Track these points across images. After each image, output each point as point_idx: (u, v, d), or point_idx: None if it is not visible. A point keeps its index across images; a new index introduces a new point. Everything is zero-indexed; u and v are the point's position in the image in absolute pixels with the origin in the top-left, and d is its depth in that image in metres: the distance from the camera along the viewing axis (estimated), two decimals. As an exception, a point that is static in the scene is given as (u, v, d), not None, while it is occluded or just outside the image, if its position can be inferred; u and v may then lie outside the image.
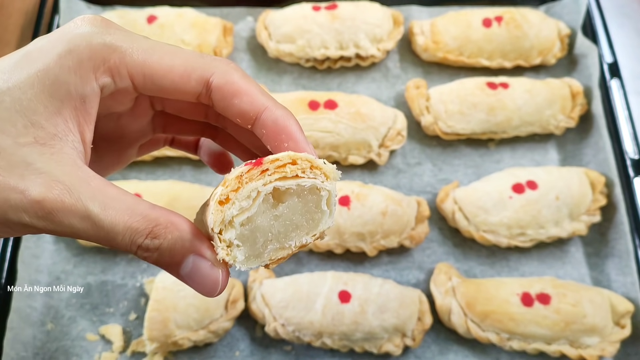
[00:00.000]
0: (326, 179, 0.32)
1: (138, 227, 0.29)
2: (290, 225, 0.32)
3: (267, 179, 0.31)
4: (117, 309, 0.77)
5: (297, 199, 0.32)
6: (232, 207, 0.30)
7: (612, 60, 0.90)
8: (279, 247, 0.32)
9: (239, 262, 0.31)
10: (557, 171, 0.82)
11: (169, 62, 0.31)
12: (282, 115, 0.34)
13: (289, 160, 0.31)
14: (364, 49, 0.90)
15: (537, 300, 0.72)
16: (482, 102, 0.84)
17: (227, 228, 0.30)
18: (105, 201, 0.28)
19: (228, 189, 0.30)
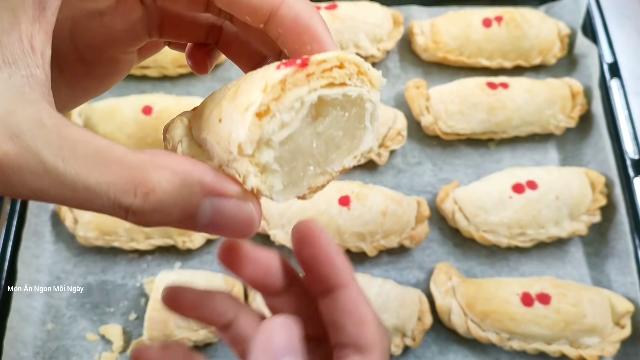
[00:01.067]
0: (372, 88, 0.27)
1: (117, 181, 0.20)
2: (332, 144, 0.26)
3: (313, 85, 0.24)
4: (117, 309, 0.77)
5: (341, 111, 0.26)
6: (272, 121, 0.23)
7: (612, 60, 0.90)
8: (319, 172, 0.27)
9: (276, 192, 0.24)
10: (557, 171, 0.82)
11: None
12: (304, 10, 0.26)
13: (337, 62, 0.25)
14: (363, 49, 0.90)
15: (537, 300, 0.72)
16: (482, 102, 0.85)
17: (261, 148, 0.24)
18: (65, 147, 0.20)
19: (270, 96, 0.23)
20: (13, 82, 0.20)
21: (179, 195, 0.22)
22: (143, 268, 0.79)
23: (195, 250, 0.80)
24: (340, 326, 0.32)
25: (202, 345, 0.74)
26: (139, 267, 0.79)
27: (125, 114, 0.83)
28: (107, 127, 0.83)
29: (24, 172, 0.19)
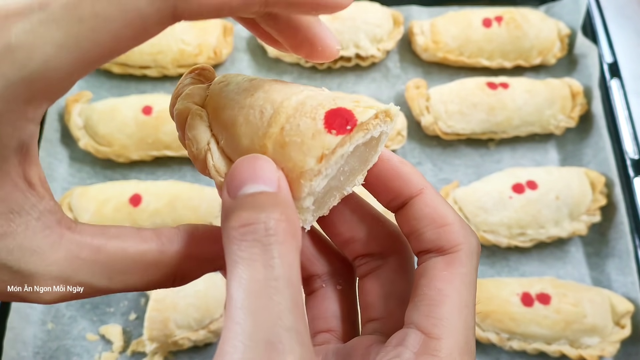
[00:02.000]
0: (390, 121, 0.29)
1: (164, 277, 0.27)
2: (352, 172, 0.29)
3: (354, 140, 0.27)
4: (117, 309, 0.77)
5: (365, 147, 0.29)
6: (320, 181, 0.26)
7: (612, 60, 0.90)
8: (338, 196, 0.30)
9: (307, 224, 0.28)
10: (557, 171, 0.82)
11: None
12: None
13: (374, 116, 0.27)
14: (364, 49, 0.90)
15: (537, 300, 0.72)
16: (482, 102, 0.85)
17: (306, 197, 0.26)
18: None
19: (323, 165, 0.25)
20: (32, 231, 0.22)
21: None
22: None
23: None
24: (420, 233, 0.29)
25: (202, 345, 0.74)
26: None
27: (125, 114, 0.83)
28: (107, 127, 0.83)
29: None
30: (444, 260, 0.28)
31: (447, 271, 0.27)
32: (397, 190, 0.30)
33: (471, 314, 0.27)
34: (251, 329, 0.20)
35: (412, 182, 0.30)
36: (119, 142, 0.83)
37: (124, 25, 0.21)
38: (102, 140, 0.83)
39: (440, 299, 0.27)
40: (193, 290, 0.72)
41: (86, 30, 0.20)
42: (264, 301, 0.21)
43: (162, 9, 0.21)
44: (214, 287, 0.73)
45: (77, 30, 0.20)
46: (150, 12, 0.21)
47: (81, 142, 0.84)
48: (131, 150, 0.83)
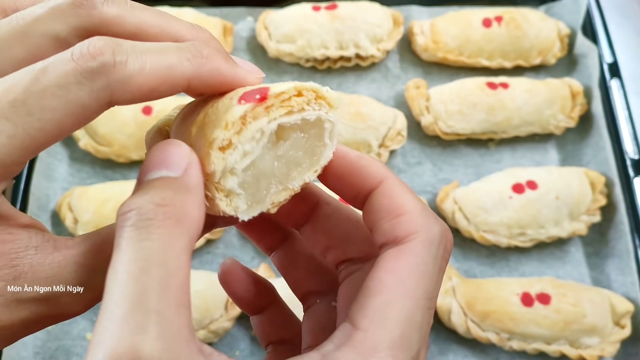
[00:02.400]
0: (330, 109, 0.29)
1: None
2: (293, 163, 0.29)
3: (272, 115, 0.27)
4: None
5: (301, 134, 0.29)
6: (234, 153, 0.26)
7: (612, 60, 0.90)
8: (281, 189, 0.29)
9: (241, 212, 0.27)
10: (557, 171, 0.82)
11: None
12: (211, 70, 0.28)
13: (295, 92, 0.28)
14: (364, 49, 0.90)
15: (537, 300, 0.72)
16: (482, 102, 0.84)
17: (226, 176, 0.26)
18: None
19: (231, 132, 0.26)
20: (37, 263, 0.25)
21: None
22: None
23: (195, 250, 0.80)
24: (377, 226, 0.28)
25: None
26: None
27: (125, 114, 0.83)
28: (107, 127, 0.83)
29: None
30: (395, 251, 0.26)
31: (395, 261, 0.26)
32: (357, 185, 0.30)
33: (419, 306, 0.25)
34: (118, 311, 0.21)
35: (371, 175, 0.29)
36: (118, 142, 0.83)
37: (67, 115, 0.24)
38: (102, 140, 0.83)
39: (378, 289, 0.25)
40: (193, 291, 0.71)
41: (34, 121, 0.23)
42: (131, 283, 0.21)
43: (100, 98, 0.24)
44: (213, 288, 0.73)
45: (25, 122, 0.23)
46: (89, 102, 0.24)
47: (81, 142, 0.84)
48: (131, 150, 0.83)
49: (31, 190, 0.79)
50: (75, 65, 0.24)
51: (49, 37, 0.26)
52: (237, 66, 0.29)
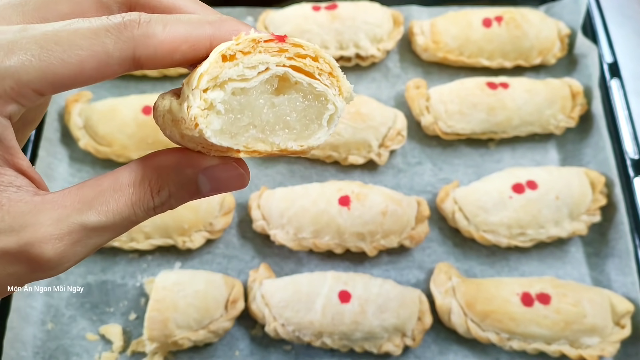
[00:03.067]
0: (339, 94, 0.29)
1: (141, 196, 0.28)
2: (282, 121, 0.29)
3: (283, 60, 0.27)
4: (117, 309, 0.77)
5: (302, 98, 0.29)
6: (234, 67, 0.26)
7: (612, 60, 0.89)
8: (261, 137, 0.29)
9: (210, 129, 0.27)
10: (557, 171, 0.81)
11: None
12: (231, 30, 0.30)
13: (312, 53, 0.28)
14: (364, 49, 0.90)
15: (537, 300, 0.72)
16: (482, 102, 0.84)
17: (214, 88, 0.26)
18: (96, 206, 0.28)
19: (239, 47, 0.26)
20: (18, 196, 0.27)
21: (179, 180, 0.29)
22: (143, 268, 0.79)
23: (195, 250, 0.80)
24: None
25: (201, 345, 0.74)
26: (139, 267, 0.79)
27: (125, 114, 0.83)
28: (107, 127, 0.83)
29: None
30: None
31: None
32: None
33: None
34: None
35: None
36: (119, 142, 0.83)
37: (91, 55, 0.26)
38: (102, 140, 0.83)
39: None
40: (193, 291, 0.72)
41: (59, 51, 0.25)
42: None
43: (124, 49, 0.26)
44: (213, 288, 0.73)
45: (51, 48, 0.25)
46: (113, 50, 0.26)
47: (81, 142, 0.84)
48: (131, 150, 0.83)
49: (31, 190, 0.79)
50: (108, 21, 0.26)
51: (99, 3, 0.29)
52: (257, 31, 0.30)
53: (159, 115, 0.30)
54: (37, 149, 0.82)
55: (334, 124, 0.30)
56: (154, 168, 0.29)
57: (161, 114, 0.30)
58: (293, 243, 0.78)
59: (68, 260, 0.28)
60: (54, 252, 0.27)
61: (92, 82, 0.27)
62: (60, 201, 0.27)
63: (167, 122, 0.29)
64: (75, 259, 0.28)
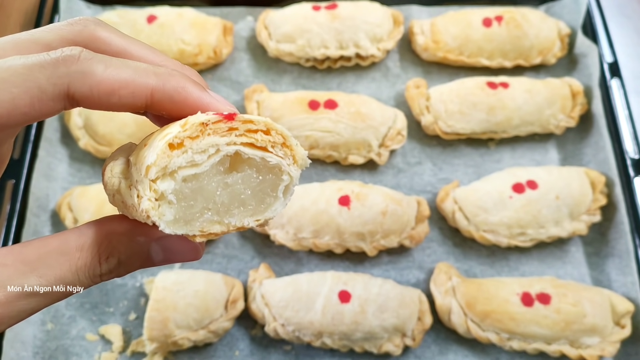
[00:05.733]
0: (293, 163, 0.29)
1: (87, 262, 0.27)
2: (237, 199, 0.28)
3: (234, 138, 0.26)
4: (117, 309, 0.77)
5: (255, 173, 0.28)
6: (182, 155, 0.25)
7: (613, 59, 0.89)
8: (216, 220, 0.28)
9: (164, 221, 0.26)
10: (557, 171, 0.81)
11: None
12: (176, 86, 0.28)
13: (264, 127, 0.27)
14: (364, 49, 0.90)
15: (537, 300, 0.72)
16: (482, 102, 0.84)
17: (164, 177, 0.25)
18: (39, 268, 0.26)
19: (186, 133, 0.25)
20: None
21: (131, 249, 0.28)
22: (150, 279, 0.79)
23: (195, 250, 0.80)
24: None
25: (201, 345, 0.74)
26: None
27: (124, 114, 0.83)
28: (107, 127, 0.83)
29: None
30: None
31: None
32: None
33: None
34: None
35: None
36: (118, 142, 0.83)
37: (23, 91, 0.25)
38: (102, 140, 0.83)
39: None
40: (193, 290, 0.72)
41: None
42: None
43: (57, 84, 0.25)
44: (213, 288, 0.73)
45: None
46: (46, 85, 0.25)
47: (81, 141, 0.84)
48: (131, 150, 0.83)
49: (31, 190, 0.79)
50: (45, 57, 0.25)
51: (40, 43, 0.28)
52: (207, 92, 0.29)
53: (109, 193, 0.29)
54: (37, 148, 0.82)
55: (289, 194, 0.29)
56: (105, 234, 0.28)
57: (110, 192, 0.29)
58: (293, 243, 0.77)
59: (1, 323, 0.26)
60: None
61: (30, 121, 0.26)
62: (1, 259, 0.26)
63: (118, 202, 0.29)
64: (9, 322, 0.26)
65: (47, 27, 0.29)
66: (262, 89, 0.88)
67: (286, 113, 0.83)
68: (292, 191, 0.29)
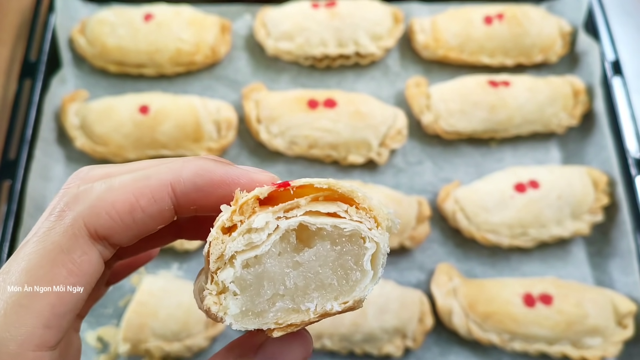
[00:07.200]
0: (376, 226, 0.24)
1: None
2: (315, 280, 0.23)
3: (294, 211, 0.23)
4: (116, 310, 0.76)
5: (331, 246, 0.24)
6: (238, 238, 0.22)
7: (614, 58, 0.89)
8: (291, 307, 0.23)
9: (230, 316, 0.23)
10: (559, 170, 0.81)
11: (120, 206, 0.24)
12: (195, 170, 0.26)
13: (325, 186, 0.23)
14: (363, 47, 0.89)
15: (539, 301, 0.71)
16: (483, 101, 0.84)
17: (224, 266, 0.22)
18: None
19: (237, 214, 0.22)
20: None
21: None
22: (140, 269, 0.78)
23: (193, 251, 0.79)
24: None
25: (173, 358, 0.73)
26: (137, 268, 0.78)
27: (121, 114, 0.82)
28: (104, 127, 0.82)
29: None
30: None
31: None
32: None
33: None
34: None
35: None
36: (115, 142, 0.82)
37: (47, 262, 0.23)
38: (99, 140, 0.82)
39: None
40: (177, 301, 0.71)
41: None
42: None
43: (76, 233, 0.24)
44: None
45: None
46: (66, 242, 0.23)
47: (77, 142, 0.83)
48: (128, 150, 0.82)
49: (27, 191, 0.78)
50: (49, 213, 0.24)
51: None
52: (231, 165, 0.25)
53: (196, 299, 0.26)
54: (33, 149, 0.81)
55: (379, 264, 0.24)
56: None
57: (197, 297, 0.26)
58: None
59: None
60: None
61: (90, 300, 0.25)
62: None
63: (210, 315, 0.25)
64: None
65: None
66: (261, 87, 0.87)
67: (285, 112, 0.83)
68: (383, 260, 0.24)
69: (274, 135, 0.83)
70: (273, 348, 0.25)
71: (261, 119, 0.84)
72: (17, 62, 0.92)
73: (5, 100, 0.89)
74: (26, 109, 0.84)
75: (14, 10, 0.97)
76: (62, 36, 0.89)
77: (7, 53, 0.93)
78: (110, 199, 0.24)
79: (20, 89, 0.85)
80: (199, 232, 0.32)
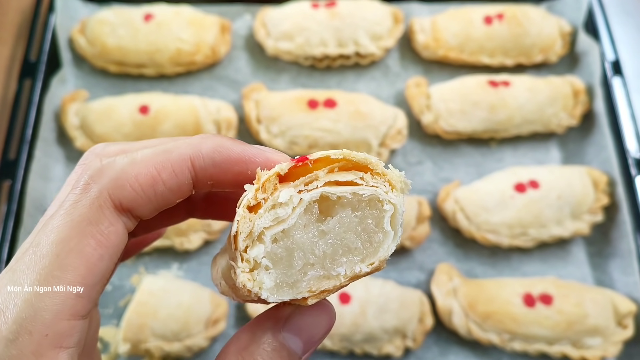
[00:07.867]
0: (391, 189, 0.25)
1: None
2: (341, 246, 0.25)
3: (314, 183, 0.24)
4: (116, 310, 0.76)
5: (352, 212, 0.25)
6: (265, 215, 0.23)
7: (614, 58, 0.89)
8: (322, 274, 0.25)
9: (266, 290, 0.24)
10: (559, 170, 0.81)
11: None
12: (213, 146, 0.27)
13: (341, 156, 0.25)
14: (363, 47, 0.89)
15: (539, 301, 0.71)
16: (483, 101, 0.84)
17: (253, 243, 0.23)
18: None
19: (261, 192, 0.23)
20: None
21: None
22: (141, 269, 0.78)
23: (193, 251, 0.79)
24: None
25: (173, 358, 0.73)
26: (136, 268, 0.78)
27: (121, 114, 0.82)
28: (104, 127, 0.82)
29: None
30: None
31: None
32: None
33: None
34: None
35: None
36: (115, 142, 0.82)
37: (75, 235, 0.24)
38: (99, 140, 0.82)
39: None
40: (177, 301, 0.71)
41: None
42: None
43: (102, 205, 0.25)
44: (198, 303, 0.72)
45: None
46: (93, 214, 0.24)
47: (77, 142, 0.83)
48: (128, 150, 0.82)
49: (27, 191, 0.78)
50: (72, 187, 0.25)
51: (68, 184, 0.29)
52: (247, 144, 0.27)
53: (217, 284, 0.27)
54: (33, 149, 0.81)
55: (398, 224, 0.26)
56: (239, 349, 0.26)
57: (217, 282, 0.27)
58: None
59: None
60: None
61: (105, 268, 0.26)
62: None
63: (227, 291, 0.26)
64: None
65: None
66: (261, 87, 0.87)
67: (285, 112, 0.83)
68: (401, 220, 0.26)
69: (274, 135, 0.83)
70: (300, 320, 0.26)
71: (261, 119, 0.84)
72: (17, 61, 0.92)
73: (5, 100, 0.89)
74: (26, 109, 0.84)
75: (14, 10, 0.97)
76: (62, 36, 0.89)
77: (7, 53, 0.93)
78: (133, 171, 0.25)
79: (20, 89, 0.85)
80: (209, 211, 0.34)
